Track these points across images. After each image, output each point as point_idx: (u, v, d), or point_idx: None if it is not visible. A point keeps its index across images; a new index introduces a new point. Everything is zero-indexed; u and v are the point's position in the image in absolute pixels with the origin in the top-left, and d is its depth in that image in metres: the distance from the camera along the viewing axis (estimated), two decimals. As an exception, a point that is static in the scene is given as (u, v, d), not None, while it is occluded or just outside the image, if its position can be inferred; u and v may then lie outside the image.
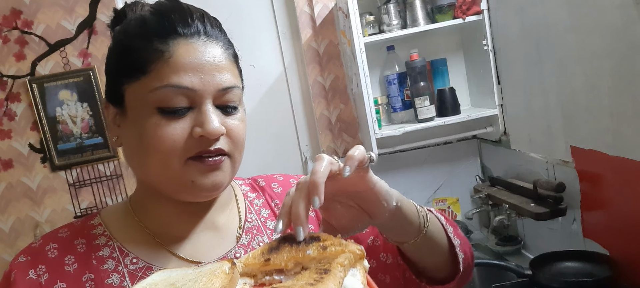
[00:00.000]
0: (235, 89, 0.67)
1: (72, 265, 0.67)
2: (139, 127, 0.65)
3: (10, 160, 2.11)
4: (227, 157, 0.67)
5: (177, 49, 0.64)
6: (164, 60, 0.63)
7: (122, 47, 0.67)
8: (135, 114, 0.65)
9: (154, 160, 0.64)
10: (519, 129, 1.79)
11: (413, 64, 1.97)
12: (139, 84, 0.64)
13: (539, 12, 1.49)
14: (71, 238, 0.70)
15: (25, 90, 2.07)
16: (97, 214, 0.74)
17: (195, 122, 0.64)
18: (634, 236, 1.26)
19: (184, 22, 0.65)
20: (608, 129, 1.26)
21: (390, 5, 1.95)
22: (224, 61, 0.66)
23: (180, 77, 0.63)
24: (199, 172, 0.65)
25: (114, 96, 0.68)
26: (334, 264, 0.49)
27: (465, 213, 2.06)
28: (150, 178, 0.68)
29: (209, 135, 0.63)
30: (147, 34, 0.65)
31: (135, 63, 0.64)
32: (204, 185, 0.65)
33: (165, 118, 0.63)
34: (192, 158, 0.64)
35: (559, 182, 1.52)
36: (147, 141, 0.64)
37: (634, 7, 1.08)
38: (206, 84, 0.64)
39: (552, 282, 1.38)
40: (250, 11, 2.17)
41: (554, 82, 1.48)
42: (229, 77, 0.66)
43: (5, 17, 2.04)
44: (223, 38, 0.69)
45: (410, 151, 2.18)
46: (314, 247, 0.51)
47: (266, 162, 2.20)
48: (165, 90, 0.63)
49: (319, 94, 2.18)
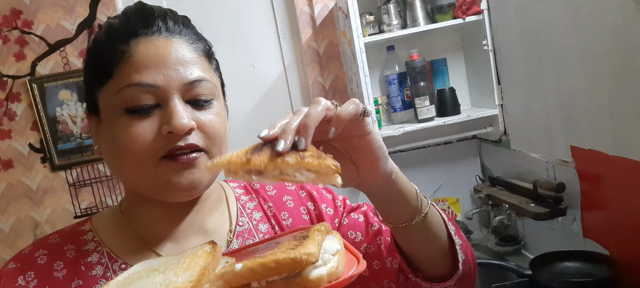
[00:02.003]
0: (204, 82, 0.66)
1: (61, 271, 0.67)
2: (111, 131, 0.65)
3: (10, 160, 2.11)
4: (203, 153, 0.65)
5: (137, 48, 0.63)
6: (125, 60, 0.63)
7: (91, 55, 0.68)
8: (107, 119, 0.65)
9: (127, 162, 0.64)
10: (519, 129, 1.79)
11: (413, 64, 1.97)
12: (107, 88, 0.64)
13: (539, 12, 1.49)
14: (61, 244, 0.70)
15: (25, 90, 2.07)
16: (88, 220, 0.74)
17: (163, 120, 0.63)
18: (634, 236, 1.26)
19: (145, 22, 0.65)
20: (608, 129, 1.26)
21: (390, 5, 1.95)
22: (189, 55, 0.66)
23: (142, 75, 0.62)
24: (172, 171, 0.63)
25: (91, 105, 0.69)
26: (311, 230, 0.52)
27: (465, 213, 2.06)
28: (128, 182, 0.68)
29: (176, 131, 0.62)
30: (111, 38, 0.65)
31: (102, 67, 0.65)
32: (179, 185, 0.64)
33: (133, 118, 0.63)
34: (166, 157, 0.63)
35: (559, 182, 1.52)
36: (118, 143, 0.63)
37: (634, 7, 1.08)
38: (170, 79, 0.63)
39: (552, 282, 1.38)
40: (250, 11, 2.17)
41: (554, 82, 1.48)
42: (195, 70, 0.65)
43: (5, 17, 2.04)
44: (189, 33, 0.68)
45: (410, 151, 2.18)
46: (293, 155, 0.51)
47: (266, 162, 2.20)
48: (129, 90, 0.62)
49: (319, 93, 2.18)
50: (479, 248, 2.04)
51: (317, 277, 0.45)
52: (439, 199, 2.22)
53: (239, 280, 0.46)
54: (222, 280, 0.47)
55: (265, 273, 0.45)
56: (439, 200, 2.22)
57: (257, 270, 0.45)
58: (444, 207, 2.21)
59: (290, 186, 0.83)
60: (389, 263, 0.75)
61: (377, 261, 0.76)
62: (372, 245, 0.78)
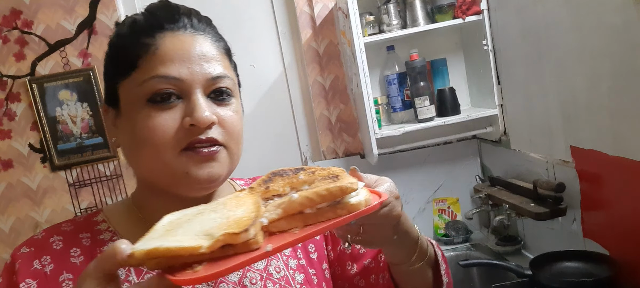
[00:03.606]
0: (225, 78, 0.67)
1: (78, 258, 0.67)
2: (132, 122, 0.65)
3: (10, 160, 2.11)
4: (223, 148, 0.67)
5: (163, 42, 0.65)
6: (151, 53, 0.64)
7: (114, 48, 0.70)
8: (129, 110, 0.66)
9: (147, 152, 0.64)
10: (519, 129, 1.79)
11: (413, 64, 1.97)
12: (130, 80, 0.65)
13: (539, 12, 1.49)
14: (75, 232, 0.70)
15: (25, 90, 2.07)
16: (100, 211, 0.74)
17: (185, 112, 0.64)
18: (634, 236, 1.26)
19: (171, 17, 0.67)
20: (608, 129, 1.26)
21: (390, 5, 1.95)
22: (212, 52, 0.67)
23: (168, 68, 0.63)
24: (193, 162, 0.64)
25: (111, 98, 0.69)
26: (338, 171, 0.60)
27: (465, 213, 2.06)
28: (146, 173, 0.68)
29: (199, 124, 0.63)
30: (136, 32, 0.67)
31: (125, 60, 0.66)
32: (198, 177, 0.65)
33: (156, 109, 0.64)
34: (186, 149, 0.64)
35: (559, 182, 1.52)
36: (140, 134, 0.64)
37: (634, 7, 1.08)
38: (194, 73, 0.65)
39: (552, 282, 1.38)
40: (250, 11, 2.17)
41: (554, 82, 1.48)
42: (218, 67, 0.67)
43: (5, 17, 2.04)
44: (212, 31, 0.71)
45: (410, 151, 2.18)
46: (303, 173, 0.60)
47: (266, 162, 2.20)
48: (153, 81, 0.63)
49: (318, 94, 2.18)
50: (479, 248, 2.04)
51: (357, 202, 0.54)
52: (439, 199, 2.22)
53: (295, 207, 0.53)
54: (280, 208, 0.53)
55: (318, 201, 0.53)
56: (439, 200, 2.22)
57: (312, 198, 0.53)
58: (444, 207, 2.21)
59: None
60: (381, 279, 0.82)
61: (374, 275, 0.82)
62: (373, 261, 0.83)
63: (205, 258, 0.47)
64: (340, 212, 0.54)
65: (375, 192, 0.60)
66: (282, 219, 0.53)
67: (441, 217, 2.21)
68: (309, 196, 0.53)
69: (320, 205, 0.54)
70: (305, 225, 0.53)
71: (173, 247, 0.45)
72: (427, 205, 2.23)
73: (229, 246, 0.48)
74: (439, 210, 2.21)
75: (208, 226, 0.50)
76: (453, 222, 2.17)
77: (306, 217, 0.53)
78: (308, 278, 0.76)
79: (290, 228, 0.53)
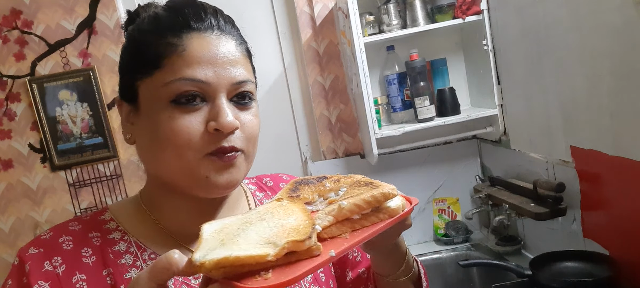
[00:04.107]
0: (249, 83, 0.67)
1: (90, 258, 0.66)
2: (153, 122, 0.65)
3: (10, 160, 2.11)
4: (241, 153, 0.67)
5: (190, 43, 0.64)
6: (178, 54, 0.63)
7: (135, 44, 0.68)
8: (149, 109, 0.65)
9: (170, 153, 0.64)
10: (519, 129, 1.79)
11: (413, 64, 1.97)
12: (153, 79, 0.64)
13: (539, 12, 1.49)
14: (84, 231, 0.69)
15: (25, 90, 2.07)
16: (106, 210, 0.73)
17: (210, 116, 0.64)
18: (634, 236, 1.26)
19: (197, 17, 0.66)
20: (608, 129, 1.26)
21: (390, 5, 1.95)
22: (237, 55, 0.67)
23: (194, 70, 0.63)
24: (214, 168, 0.65)
25: (127, 93, 0.68)
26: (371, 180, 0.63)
27: (465, 213, 2.06)
28: (165, 173, 0.67)
29: (224, 129, 0.63)
30: (161, 29, 0.65)
31: (148, 58, 0.65)
32: (218, 182, 0.65)
33: (180, 111, 0.63)
34: (209, 154, 0.64)
35: (559, 182, 1.52)
36: (162, 135, 0.64)
37: (634, 7, 1.08)
38: (220, 77, 0.64)
39: (552, 282, 1.38)
40: (250, 11, 2.17)
41: (554, 82, 1.48)
42: (242, 71, 0.67)
43: (5, 17, 2.04)
44: (236, 33, 0.70)
45: (410, 151, 2.18)
46: (329, 181, 0.65)
47: (266, 162, 2.19)
48: (179, 83, 0.63)
49: (319, 94, 2.18)
50: (479, 248, 2.04)
51: (396, 206, 0.59)
52: (439, 199, 2.22)
53: (344, 214, 0.56)
54: (330, 215, 0.56)
55: (365, 207, 0.57)
56: (439, 200, 2.22)
57: (360, 204, 0.57)
58: (444, 206, 2.21)
59: None
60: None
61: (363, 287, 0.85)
62: (366, 271, 0.86)
63: (270, 265, 0.47)
64: (382, 216, 0.58)
65: (406, 197, 0.64)
66: (333, 225, 0.56)
67: (441, 217, 2.21)
68: (358, 203, 0.56)
69: (365, 211, 0.57)
70: (353, 230, 0.57)
71: (243, 256, 0.46)
72: (427, 205, 2.23)
73: (291, 253, 0.49)
74: (439, 210, 2.21)
75: (267, 234, 0.50)
76: (453, 222, 2.17)
77: (353, 222, 0.57)
78: (316, 276, 0.77)
79: (340, 234, 0.56)
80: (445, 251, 2.09)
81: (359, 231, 0.56)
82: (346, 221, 0.57)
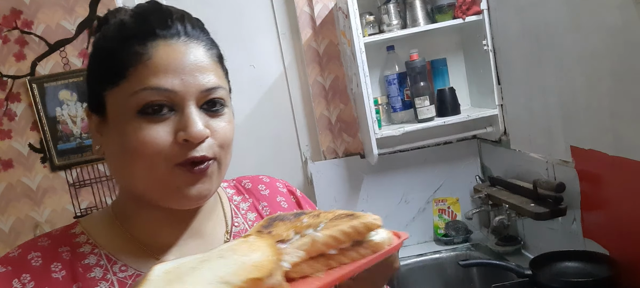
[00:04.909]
0: (219, 89, 0.65)
1: (59, 272, 0.65)
2: (121, 134, 0.63)
3: (10, 160, 2.11)
4: (214, 161, 0.65)
5: (156, 51, 0.62)
6: (143, 63, 0.62)
7: (101, 53, 0.66)
8: (117, 120, 0.63)
9: (139, 165, 0.62)
10: (519, 129, 1.79)
11: (413, 64, 1.97)
12: (119, 89, 0.62)
13: (539, 12, 1.49)
14: (54, 246, 0.67)
15: (25, 90, 2.07)
16: (77, 223, 0.71)
17: (179, 126, 0.62)
18: (634, 236, 1.26)
19: (163, 24, 0.64)
20: (608, 129, 1.26)
21: (390, 5, 1.95)
22: (206, 62, 0.65)
23: (160, 79, 0.61)
24: (185, 180, 0.63)
25: (95, 104, 0.66)
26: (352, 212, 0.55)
27: (465, 213, 2.06)
28: (135, 186, 0.66)
29: (193, 139, 0.61)
30: (126, 38, 0.63)
31: (114, 68, 0.63)
32: (190, 194, 0.64)
33: (147, 122, 0.61)
34: (180, 164, 0.63)
35: (559, 182, 1.52)
36: (130, 146, 0.62)
37: (634, 7, 1.08)
38: (188, 85, 0.62)
39: (552, 282, 1.38)
40: (250, 11, 2.17)
41: (554, 82, 1.48)
42: (211, 78, 0.65)
43: (5, 17, 2.04)
44: (205, 38, 0.68)
45: (410, 151, 2.18)
46: (306, 216, 0.56)
47: (266, 162, 2.20)
48: (144, 93, 0.61)
49: (319, 94, 2.18)
50: (479, 248, 2.04)
51: (381, 240, 0.51)
52: (439, 199, 2.22)
53: (318, 248, 0.48)
54: (301, 249, 0.48)
55: (343, 239, 0.49)
56: (439, 200, 2.22)
57: (337, 236, 0.49)
58: (444, 206, 2.21)
59: (282, 188, 0.86)
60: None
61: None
62: None
63: None
64: (364, 251, 0.50)
65: (394, 232, 0.58)
66: (304, 262, 0.49)
67: (441, 217, 2.21)
68: (334, 235, 0.49)
69: (344, 245, 0.49)
70: (328, 268, 0.49)
71: None
72: (427, 205, 2.23)
73: None
74: (439, 210, 2.21)
75: (222, 272, 0.45)
76: (453, 222, 2.17)
77: (329, 259, 0.49)
78: None
79: (313, 272, 0.48)
80: (445, 251, 2.09)
81: (336, 269, 0.49)
82: (321, 257, 0.49)
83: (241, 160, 2.23)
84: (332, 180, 2.20)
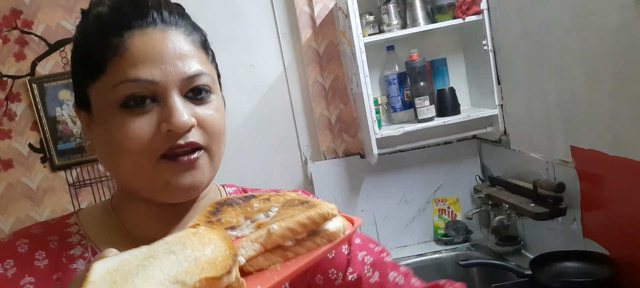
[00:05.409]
0: (202, 76, 0.63)
1: (42, 261, 0.64)
2: (105, 128, 0.62)
3: (10, 160, 2.11)
4: (204, 152, 0.63)
5: (132, 42, 0.60)
6: (120, 55, 0.60)
7: (81, 48, 0.65)
8: (101, 116, 0.63)
9: (124, 161, 0.61)
10: (519, 129, 1.79)
11: (413, 64, 1.97)
12: (100, 84, 0.61)
13: (539, 12, 1.49)
14: (44, 234, 0.67)
15: (25, 90, 2.07)
16: (75, 213, 0.71)
17: (162, 117, 0.60)
18: (634, 236, 1.26)
19: (138, 13, 0.62)
20: (608, 129, 1.26)
21: (390, 5, 1.95)
22: (186, 48, 0.63)
23: (139, 70, 0.59)
24: (172, 172, 0.61)
25: (81, 100, 0.66)
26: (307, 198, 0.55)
27: (465, 213, 2.06)
28: (124, 180, 0.65)
29: (177, 129, 0.60)
30: (102, 30, 0.62)
31: (93, 62, 0.62)
32: (180, 186, 0.62)
33: (129, 114, 0.60)
34: (165, 157, 0.61)
35: (559, 182, 1.52)
36: (114, 141, 0.61)
37: (634, 7, 1.08)
38: (168, 74, 0.60)
39: (552, 282, 1.38)
40: (250, 11, 2.17)
41: (554, 82, 1.48)
42: (194, 64, 0.63)
43: (5, 17, 2.04)
44: (184, 23, 0.65)
45: (410, 151, 2.18)
46: (257, 200, 0.54)
47: (266, 163, 2.20)
48: (124, 86, 0.59)
49: (318, 94, 2.18)
50: (479, 248, 2.04)
51: (336, 229, 0.49)
52: (439, 199, 2.22)
53: (274, 240, 0.47)
54: (257, 243, 0.47)
55: (299, 231, 0.47)
56: (438, 200, 2.22)
57: (294, 228, 0.47)
58: (444, 206, 2.21)
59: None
60: None
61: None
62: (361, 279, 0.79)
63: None
64: (320, 241, 0.49)
65: (347, 216, 0.56)
66: (260, 255, 0.47)
67: (441, 217, 2.21)
68: (291, 226, 0.48)
69: (300, 236, 0.48)
70: (285, 260, 0.47)
71: None
72: (427, 205, 2.23)
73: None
74: (439, 210, 2.21)
75: (174, 271, 0.42)
76: (453, 222, 2.17)
77: (285, 250, 0.48)
78: None
79: (269, 265, 0.47)
80: (445, 251, 2.09)
81: (293, 261, 0.47)
82: (277, 249, 0.48)
83: (241, 160, 2.24)
84: (332, 180, 2.20)
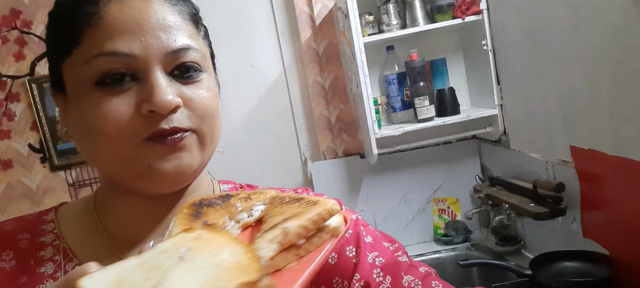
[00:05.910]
0: (191, 50, 0.56)
1: (8, 262, 0.58)
2: (81, 110, 0.54)
3: (9, 160, 2.11)
4: (192, 133, 0.56)
5: (108, 10, 0.53)
6: (95, 25, 0.53)
7: (54, 21, 0.58)
8: (76, 96, 0.55)
9: (102, 145, 0.54)
10: (519, 128, 1.79)
11: (412, 64, 1.97)
12: (73, 58, 0.54)
13: (539, 12, 1.49)
14: (16, 232, 0.61)
15: (25, 90, 2.07)
16: (54, 209, 0.65)
17: (142, 96, 0.53)
18: (634, 236, 1.26)
19: None
20: (608, 128, 1.26)
21: (390, 5, 1.95)
22: (171, 19, 0.55)
23: (116, 43, 0.52)
24: (156, 155, 0.54)
25: (56, 81, 0.58)
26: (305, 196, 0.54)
27: (465, 213, 2.06)
28: (104, 168, 0.59)
29: (159, 109, 0.52)
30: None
31: (66, 34, 0.55)
32: (164, 170, 0.54)
33: (105, 93, 0.53)
34: (148, 139, 0.54)
35: (559, 182, 1.52)
36: (90, 124, 0.53)
37: (634, 7, 1.08)
38: (149, 47, 0.53)
39: (552, 282, 1.38)
40: (250, 11, 2.16)
41: (554, 82, 1.48)
42: (180, 37, 0.55)
43: (5, 17, 2.04)
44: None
45: (410, 151, 2.18)
46: (237, 199, 0.53)
47: (266, 162, 2.20)
48: (99, 60, 0.52)
49: (318, 94, 2.18)
50: (479, 248, 2.04)
51: (337, 224, 0.50)
52: (439, 199, 2.22)
53: (290, 239, 0.46)
54: (274, 242, 0.46)
55: (311, 228, 0.48)
56: (438, 200, 2.22)
57: (307, 226, 0.47)
58: (444, 206, 2.21)
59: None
60: None
61: None
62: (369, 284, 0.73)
63: None
64: (325, 236, 0.49)
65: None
66: (278, 255, 0.46)
67: (441, 217, 2.21)
68: (304, 224, 0.47)
69: (310, 233, 0.48)
70: (299, 257, 0.47)
71: None
72: (427, 205, 2.23)
73: None
74: (439, 210, 2.21)
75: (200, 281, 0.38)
76: (453, 222, 2.17)
77: (298, 248, 0.47)
78: None
79: (286, 264, 0.46)
80: (445, 251, 2.09)
81: (305, 258, 0.47)
82: (291, 248, 0.47)
83: (241, 160, 2.24)
84: (331, 180, 2.20)
